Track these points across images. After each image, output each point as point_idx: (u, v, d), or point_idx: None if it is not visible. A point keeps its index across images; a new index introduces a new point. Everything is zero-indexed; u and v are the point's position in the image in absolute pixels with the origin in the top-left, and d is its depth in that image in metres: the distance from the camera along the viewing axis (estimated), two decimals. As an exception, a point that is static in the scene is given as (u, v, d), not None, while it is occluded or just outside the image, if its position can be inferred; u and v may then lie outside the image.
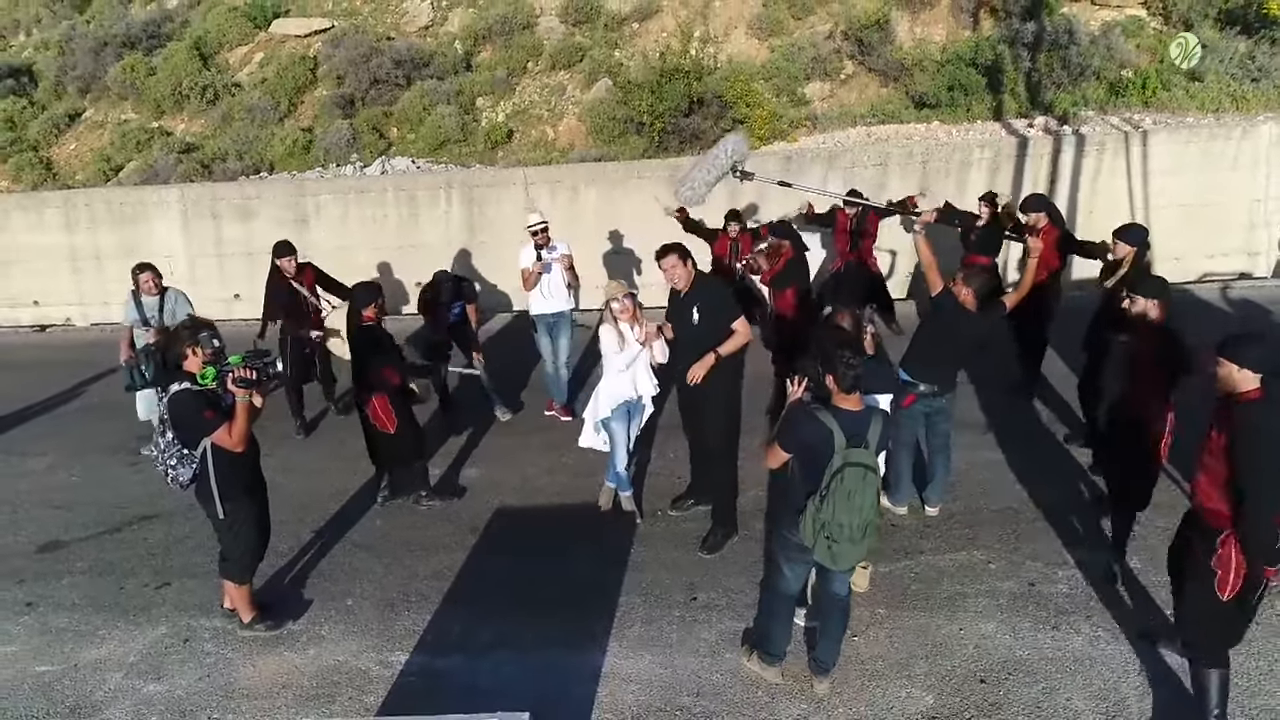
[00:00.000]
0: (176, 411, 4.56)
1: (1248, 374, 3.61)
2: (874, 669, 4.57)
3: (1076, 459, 6.53)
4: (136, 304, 7.40)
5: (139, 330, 7.36)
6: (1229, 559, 3.70)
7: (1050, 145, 10.41)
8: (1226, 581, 3.72)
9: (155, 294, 7.38)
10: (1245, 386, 3.63)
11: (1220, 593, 3.74)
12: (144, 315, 7.34)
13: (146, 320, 7.33)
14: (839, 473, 3.82)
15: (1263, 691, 4.25)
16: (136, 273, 7.43)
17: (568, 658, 4.76)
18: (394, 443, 6.17)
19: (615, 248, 10.75)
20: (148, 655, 5.06)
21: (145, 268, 7.44)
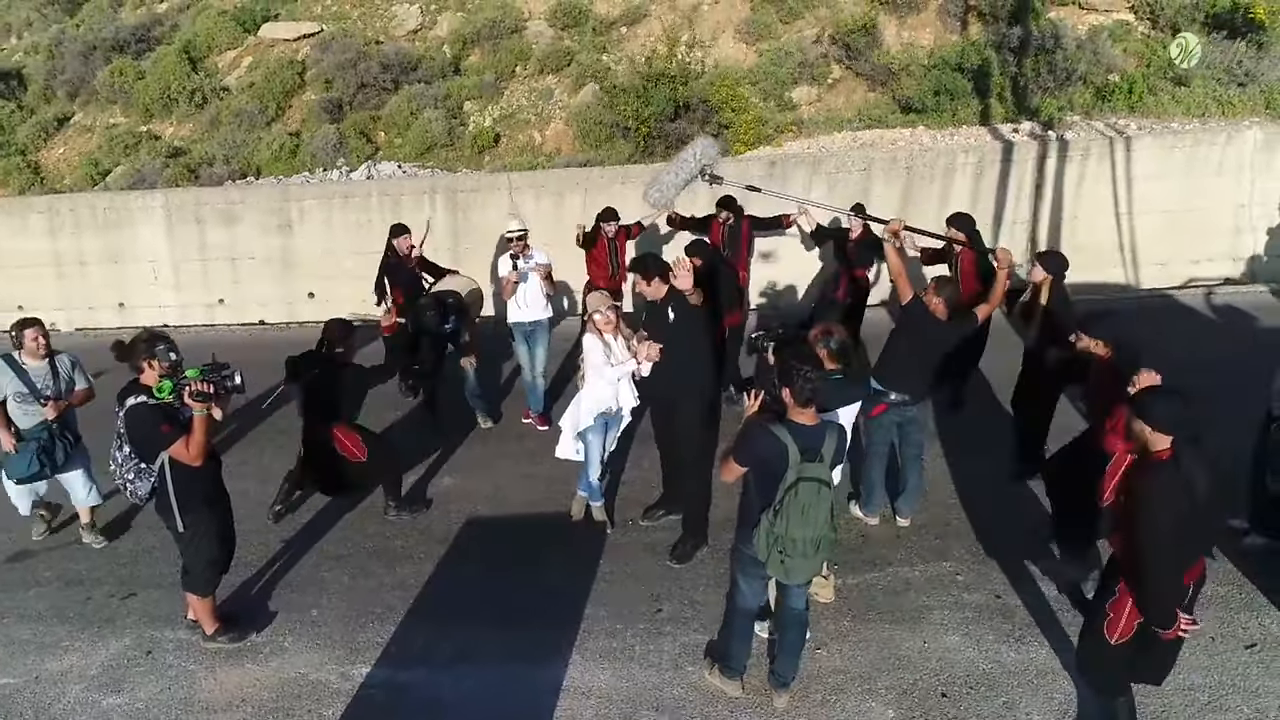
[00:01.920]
0: (134, 425, 4.55)
1: (1158, 434, 3.54)
2: (835, 683, 4.55)
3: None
4: (16, 371, 5.84)
5: (24, 404, 5.86)
6: (1122, 607, 3.70)
7: (1035, 151, 10.39)
8: (1116, 626, 3.74)
9: (42, 357, 5.91)
10: (1155, 446, 3.55)
11: (1109, 635, 3.75)
12: (33, 385, 5.86)
13: (37, 392, 5.86)
14: (793, 487, 3.81)
15: (1225, 706, 4.23)
16: (21, 329, 5.87)
17: (529, 671, 4.74)
18: (367, 467, 6.12)
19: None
20: (110, 667, 5.04)
21: (31, 323, 5.90)
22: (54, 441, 5.90)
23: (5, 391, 5.83)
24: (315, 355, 5.95)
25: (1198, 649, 4.55)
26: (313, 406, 6.00)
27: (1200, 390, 3.95)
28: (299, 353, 6.02)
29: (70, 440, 6.04)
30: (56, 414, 5.90)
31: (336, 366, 5.97)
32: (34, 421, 5.86)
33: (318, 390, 5.92)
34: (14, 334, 5.93)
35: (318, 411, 5.99)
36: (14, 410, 5.85)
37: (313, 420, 6.02)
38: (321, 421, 5.99)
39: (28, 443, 5.80)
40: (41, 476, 5.92)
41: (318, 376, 5.89)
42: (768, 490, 3.90)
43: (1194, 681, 4.37)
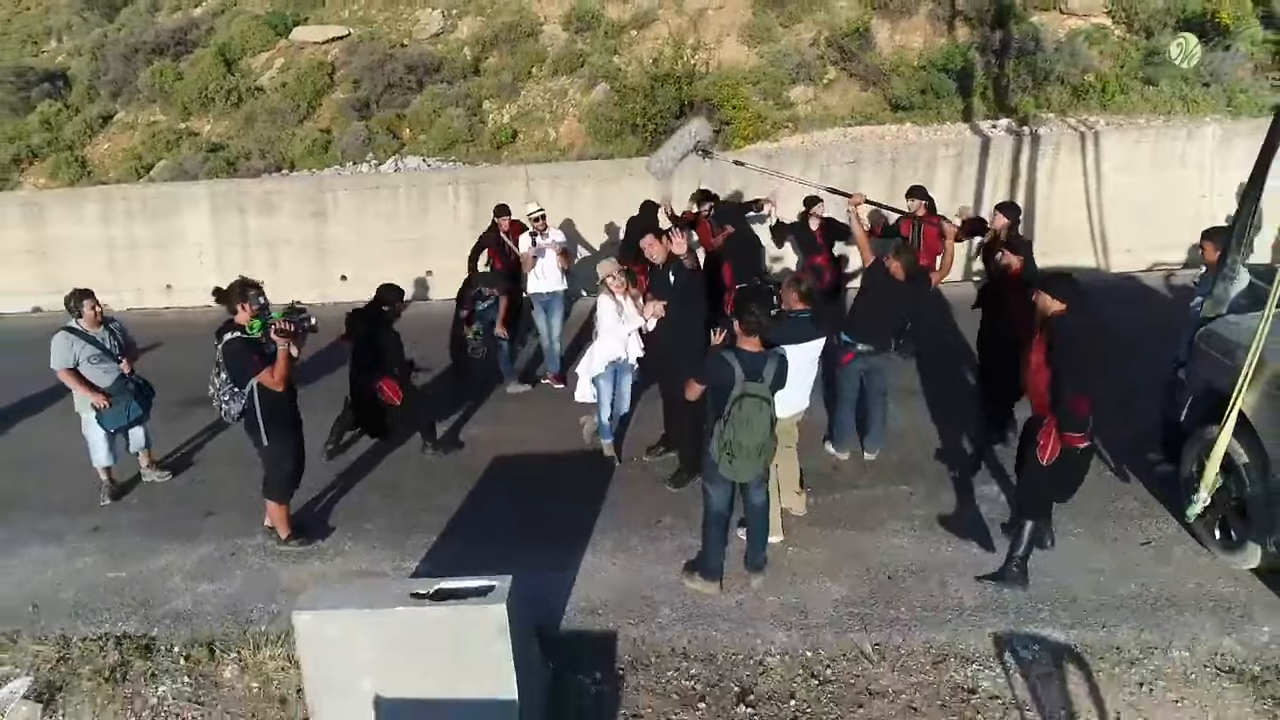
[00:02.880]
0: (229, 356, 5.64)
1: (1055, 301, 4.87)
2: (801, 571, 5.59)
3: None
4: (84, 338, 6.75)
5: (98, 366, 6.79)
6: (1048, 434, 4.90)
7: (1011, 145, 11.41)
8: (1045, 449, 4.92)
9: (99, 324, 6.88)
10: (1053, 309, 4.87)
11: (1040, 458, 4.94)
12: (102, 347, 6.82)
13: (108, 352, 6.83)
14: (738, 400, 4.86)
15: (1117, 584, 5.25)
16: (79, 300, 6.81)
17: (554, 565, 5.77)
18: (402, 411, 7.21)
19: (610, 238, 11.78)
20: (201, 564, 6.14)
21: (86, 294, 6.85)
22: (139, 390, 7.01)
23: (78, 357, 6.74)
24: (369, 312, 7.03)
25: (1103, 547, 5.59)
26: (362, 357, 7.09)
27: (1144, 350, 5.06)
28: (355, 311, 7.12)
29: (148, 390, 7.13)
30: (131, 368, 7.01)
31: (385, 324, 7.05)
32: (113, 378, 6.88)
33: (368, 342, 7.02)
34: (72, 305, 6.90)
35: (366, 361, 7.08)
36: (92, 372, 6.77)
37: (361, 369, 7.11)
38: (368, 370, 7.08)
39: (119, 396, 6.87)
40: (140, 422, 7.02)
41: (369, 331, 6.98)
42: (720, 404, 4.95)
43: (1097, 567, 5.40)
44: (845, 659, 4.88)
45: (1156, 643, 4.80)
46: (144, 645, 5.37)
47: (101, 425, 6.82)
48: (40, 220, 13.33)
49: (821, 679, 4.77)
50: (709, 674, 4.86)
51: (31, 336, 11.92)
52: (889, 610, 5.20)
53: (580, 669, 4.95)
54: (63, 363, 6.68)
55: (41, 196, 13.82)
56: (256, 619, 5.54)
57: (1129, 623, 4.95)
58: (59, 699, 5.05)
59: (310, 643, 4.40)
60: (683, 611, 5.34)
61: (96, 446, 6.95)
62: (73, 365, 6.70)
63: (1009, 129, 11.98)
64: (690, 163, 7.08)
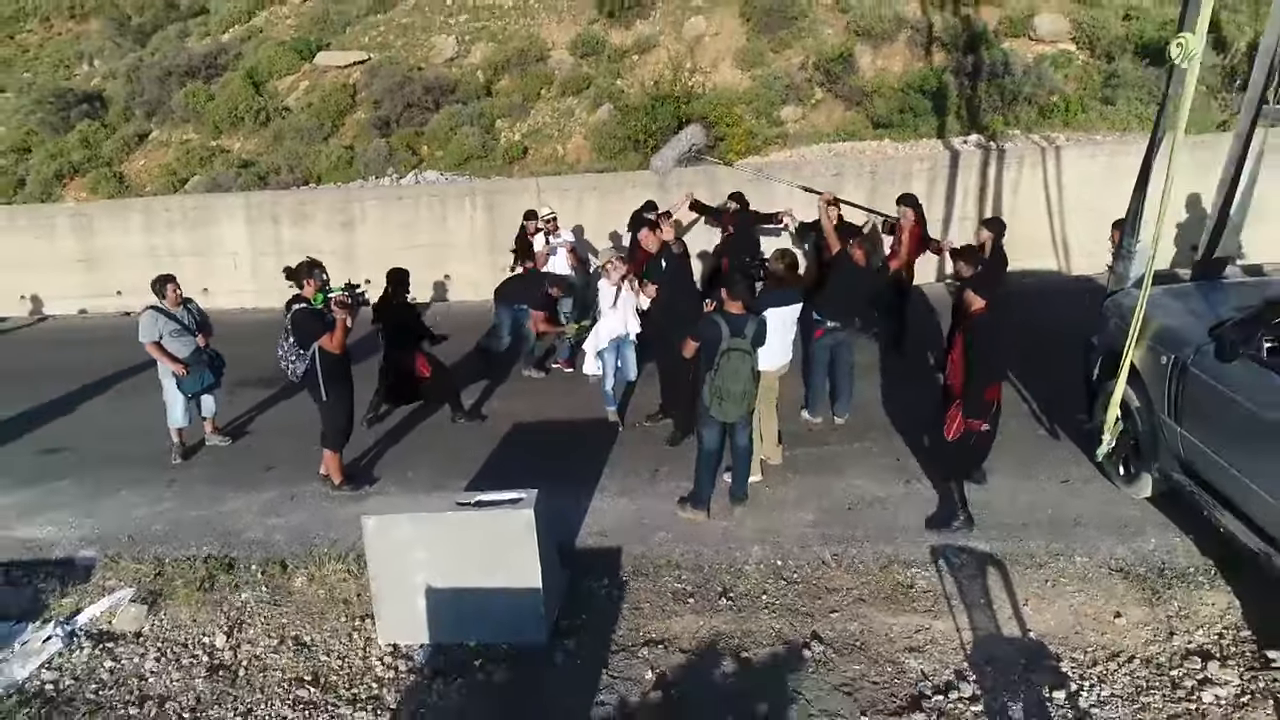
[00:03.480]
0: (296, 323, 6.80)
1: (977, 299, 5.82)
2: (776, 504, 6.73)
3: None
4: (166, 315, 7.95)
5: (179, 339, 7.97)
6: (953, 415, 5.97)
7: (979, 159, 12.60)
8: (950, 427, 5.99)
9: (179, 304, 8.11)
10: (975, 305, 5.81)
11: (946, 434, 6.02)
12: (181, 323, 8.03)
13: (185, 328, 8.03)
14: (725, 353, 6.01)
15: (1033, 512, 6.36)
16: (164, 283, 8.04)
17: (569, 504, 6.85)
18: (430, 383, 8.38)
19: (614, 244, 12.96)
20: (267, 505, 7.28)
21: (169, 279, 8.12)
22: (212, 361, 8.16)
23: (161, 332, 7.92)
24: (389, 297, 8.16)
25: (1028, 485, 6.71)
26: (391, 335, 8.25)
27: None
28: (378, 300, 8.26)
29: (219, 361, 8.28)
30: (206, 341, 8.16)
31: (405, 305, 8.21)
32: (190, 349, 8.07)
33: (394, 323, 8.18)
34: (157, 288, 8.13)
35: (394, 339, 8.24)
36: (172, 345, 7.97)
37: (394, 347, 8.27)
38: (398, 346, 8.24)
39: (195, 365, 8.02)
40: (211, 389, 8.17)
41: (393, 313, 8.15)
42: (710, 357, 6.10)
43: (1021, 499, 6.51)
44: (809, 566, 6.00)
45: (1063, 551, 5.91)
46: (226, 563, 6.49)
47: (180, 390, 7.96)
48: (89, 230, 14.54)
49: (789, 580, 5.88)
50: (697, 578, 5.97)
51: (81, 336, 13.21)
52: (846, 531, 6.33)
53: (592, 576, 6.06)
54: (149, 336, 7.83)
55: (90, 208, 15.02)
56: (319, 544, 6.65)
57: (1041, 538, 6.07)
58: (160, 603, 6.16)
59: (376, 543, 5.54)
60: (676, 534, 6.46)
61: (174, 409, 8.10)
62: (157, 339, 7.85)
63: (978, 144, 13.18)
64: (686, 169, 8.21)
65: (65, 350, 12.32)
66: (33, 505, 7.62)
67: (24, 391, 10.12)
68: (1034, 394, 8.17)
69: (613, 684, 5.12)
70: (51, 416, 9.60)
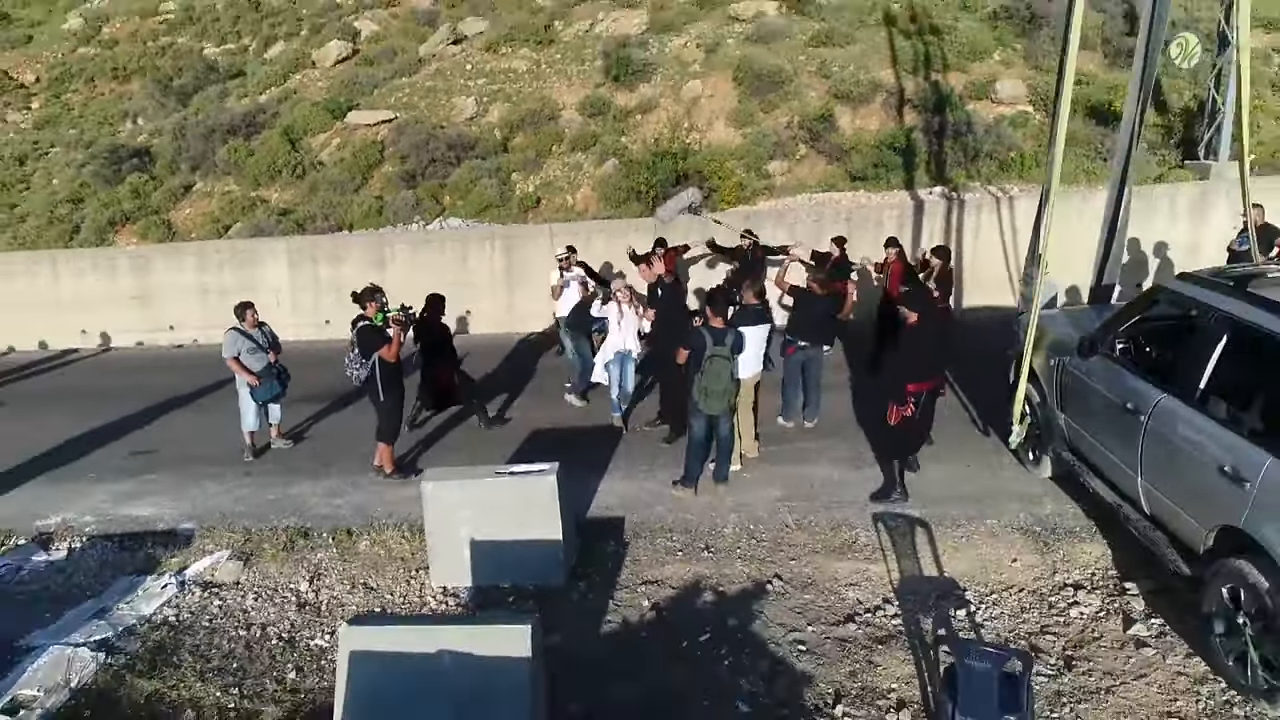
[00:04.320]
0: (360, 337, 8.41)
1: (911, 313, 7.41)
2: (751, 485, 8.27)
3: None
4: (245, 335, 9.62)
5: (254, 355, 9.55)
6: (892, 407, 7.53)
7: (943, 207, 14.31)
8: (891, 416, 7.56)
9: (256, 326, 9.76)
10: (910, 319, 7.42)
11: (889, 421, 7.59)
12: (257, 342, 9.63)
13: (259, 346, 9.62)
14: (709, 359, 7.61)
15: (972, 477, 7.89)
16: (244, 309, 9.67)
17: (579, 487, 8.36)
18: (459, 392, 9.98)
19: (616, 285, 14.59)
20: (330, 489, 8.83)
21: (248, 305, 9.76)
22: (280, 374, 9.75)
23: (240, 348, 9.59)
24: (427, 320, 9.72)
25: (959, 468, 8.24)
26: (427, 350, 9.84)
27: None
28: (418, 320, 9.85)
29: (286, 375, 9.87)
30: (276, 358, 9.77)
31: (441, 325, 9.80)
32: (263, 364, 9.68)
33: (431, 340, 9.77)
34: (238, 312, 9.83)
35: (430, 353, 9.83)
36: (248, 360, 9.60)
37: (427, 359, 9.86)
38: (433, 359, 9.82)
39: (266, 377, 9.61)
40: (279, 398, 9.75)
41: (431, 332, 9.74)
42: (697, 362, 7.69)
43: (948, 480, 8.04)
44: (774, 528, 7.53)
45: (977, 515, 7.45)
46: (303, 531, 8.03)
47: (253, 398, 9.54)
48: (146, 270, 16.25)
49: (758, 539, 7.41)
50: (685, 538, 7.50)
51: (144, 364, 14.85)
52: (806, 504, 7.88)
53: (601, 539, 7.59)
54: (230, 352, 9.44)
55: (148, 250, 16.77)
56: (378, 517, 8.18)
57: (962, 507, 7.60)
58: (251, 561, 7.68)
59: (431, 503, 7.08)
60: (669, 507, 8.01)
61: (247, 414, 9.67)
62: (236, 354, 9.45)
63: (943, 194, 14.89)
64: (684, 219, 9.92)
65: (133, 375, 13.95)
66: (133, 493, 9.17)
67: (108, 408, 11.69)
68: (975, 402, 9.72)
69: (618, 610, 6.63)
70: (135, 427, 11.17)
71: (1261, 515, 4.88)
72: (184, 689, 6.05)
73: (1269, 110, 16.31)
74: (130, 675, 6.18)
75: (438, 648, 4.87)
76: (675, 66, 19.01)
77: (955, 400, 9.85)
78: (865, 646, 6.02)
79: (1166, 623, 6.01)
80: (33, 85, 28.34)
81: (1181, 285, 6.17)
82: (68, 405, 12.20)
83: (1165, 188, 14.52)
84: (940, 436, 8.58)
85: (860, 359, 11.21)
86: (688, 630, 6.32)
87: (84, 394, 12.94)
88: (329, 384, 11.32)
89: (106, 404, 11.89)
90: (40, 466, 9.92)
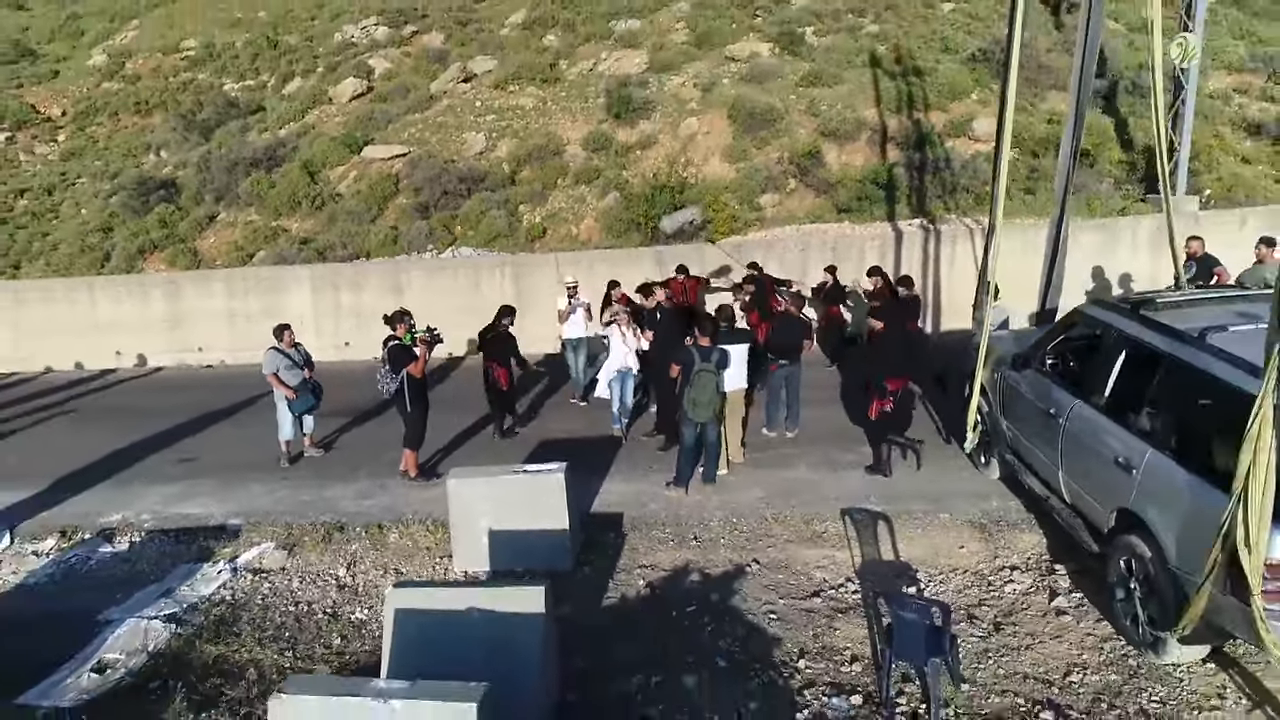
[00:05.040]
0: (392, 354, 9.55)
1: (877, 323, 8.58)
2: (736, 486, 9.37)
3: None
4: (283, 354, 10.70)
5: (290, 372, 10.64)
6: (874, 402, 8.64)
7: (921, 237, 15.48)
8: (872, 410, 8.66)
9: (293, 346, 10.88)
10: (877, 326, 8.59)
11: (870, 415, 8.66)
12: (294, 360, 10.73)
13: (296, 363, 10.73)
14: (698, 373, 8.74)
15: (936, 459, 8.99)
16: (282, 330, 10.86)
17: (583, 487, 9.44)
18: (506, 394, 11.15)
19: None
20: (360, 491, 9.93)
21: (286, 327, 10.94)
22: (314, 389, 10.88)
23: (279, 365, 10.72)
24: (492, 326, 10.88)
25: (922, 473, 9.31)
26: (489, 354, 10.97)
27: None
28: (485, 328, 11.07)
29: (319, 390, 10.99)
30: (310, 374, 10.90)
31: (503, 331, 10.93)
32: (299, 380, 10.80)
33: (497, 344, 10.89)
34: (277, 333, 10.98)
35: (493, 357, 10.96)
36: (286, 375, 10.71)
37: (491, 362, 10.98)
38: (494, 362, 10.94)
39: (302, 392, 10.74)
40: (313, 410, 10.87)
41: (494, 338, 10.87)
42: (687, 375, 8.82)
43: (911, 482, 9.13)
44: (754, 521, 8.63)
45: (933, 510, 8.54)
46: (338, 526, 9.13)
47: (290, 410, 10.67)
48: (177, 296, 17.43)
49: (739, 530, 8.51)
50: (675, 530, 8.60)
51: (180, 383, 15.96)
52: (784, 501, 8.97)
53: (603, 531, 8.67)
54: (270, 369, 10.58)
55: (180, 276, 17.97)
56: (405, 514, 9.28)
57: (920, 503, 8.69)
58: (294, 551, 8.77)
59: (455, 497, 8.18)
60: (662, 505, 9.12)
61: (284, 425, 10.79)
62: (275, 371, 10.58)
63: (921, 226, 16.07)
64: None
65: (169, 393, 15.10)
66: (183, 494, 10.28)
67: (150, 422, 12.81)
68: (942, 415, 10.82)
69: (617, 589, 7.71)
70: (178, 438, 12.29)
71: (1144, 497, 5.99)
72: (245, 652, 7.12)
73: (1228, 148, 17.56)
74: (199, 641, 7.25)
75: (467, 605, 5.97)
76: (673, 104, 20.31)
77: (924, 412, 10.95)
78: (827, 616, 7.11)
79: (1085, 597, 7.09)
80: (59, 119, 29.74)
81: (1092, 309, 7.32)
82: (113, 419, 13.33)
83: (1128, 220, 15.70)
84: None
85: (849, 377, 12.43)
86: (677, 604, 7.40)
87: (126, 409, 14.07)
88: (352, 400, 12.48)
89: (148, 418, 13.00)
90: (96, 473, 11.03)
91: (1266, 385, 4.76)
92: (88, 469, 11.12)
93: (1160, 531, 5.82)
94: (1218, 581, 5.16)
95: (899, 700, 5.95)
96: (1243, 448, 4.87)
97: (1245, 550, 4.93)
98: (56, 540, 9.36)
